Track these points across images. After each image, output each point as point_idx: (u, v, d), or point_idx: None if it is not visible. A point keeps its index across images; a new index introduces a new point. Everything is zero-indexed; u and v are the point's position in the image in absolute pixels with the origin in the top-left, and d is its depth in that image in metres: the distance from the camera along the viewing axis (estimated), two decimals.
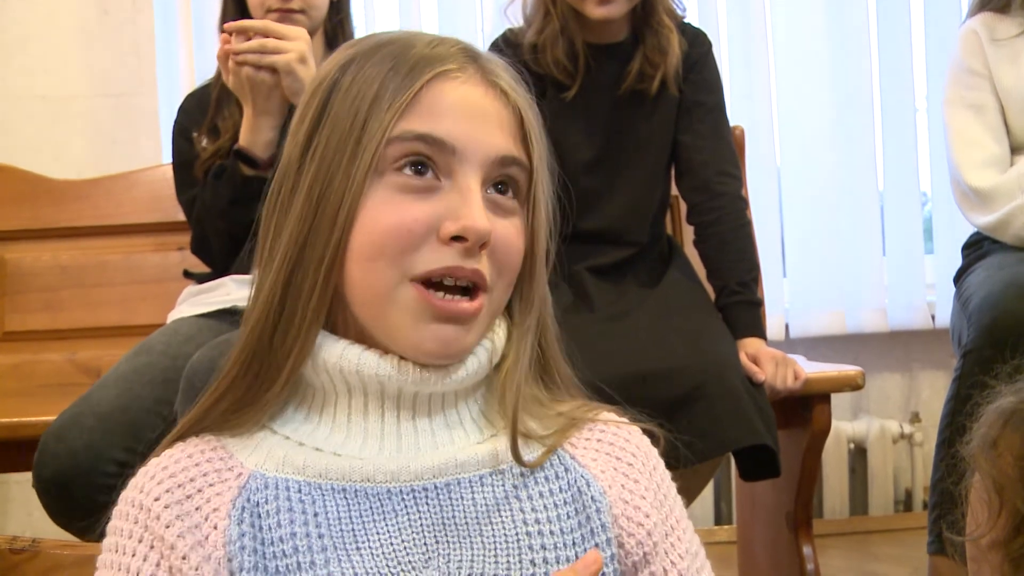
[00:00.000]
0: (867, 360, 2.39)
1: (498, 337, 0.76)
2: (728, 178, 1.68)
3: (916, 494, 2.58)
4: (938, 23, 2.57)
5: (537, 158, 0.75)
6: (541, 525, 0.71)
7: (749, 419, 1.43)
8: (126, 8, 2.45)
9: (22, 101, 2.43)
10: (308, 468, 0.71)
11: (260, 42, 1.44)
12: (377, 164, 0.70)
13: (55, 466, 1.35)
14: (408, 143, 0.70)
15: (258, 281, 0.74)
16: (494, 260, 0.72)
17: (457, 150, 0.71)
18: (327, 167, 0.71)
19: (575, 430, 0.77)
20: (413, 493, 0.71)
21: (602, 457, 0.76)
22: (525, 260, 0.76)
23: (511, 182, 0.74)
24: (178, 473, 0.71)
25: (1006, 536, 0.65)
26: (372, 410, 0.73)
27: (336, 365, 0.71)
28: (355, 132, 0.71)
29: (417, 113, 0.71)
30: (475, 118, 0.72)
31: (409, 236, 0.70)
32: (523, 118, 0.75)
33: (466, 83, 0.73)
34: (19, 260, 2.02)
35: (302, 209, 0.71)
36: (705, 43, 1.72)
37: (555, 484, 0.73)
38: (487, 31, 2.46)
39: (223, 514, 0.69)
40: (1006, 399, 0.69)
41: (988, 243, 1.84)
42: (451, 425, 0.74)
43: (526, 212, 0.76)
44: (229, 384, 0.73)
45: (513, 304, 0.77)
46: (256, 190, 1.50)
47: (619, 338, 1.51)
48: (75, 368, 1.96)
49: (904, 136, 2.58)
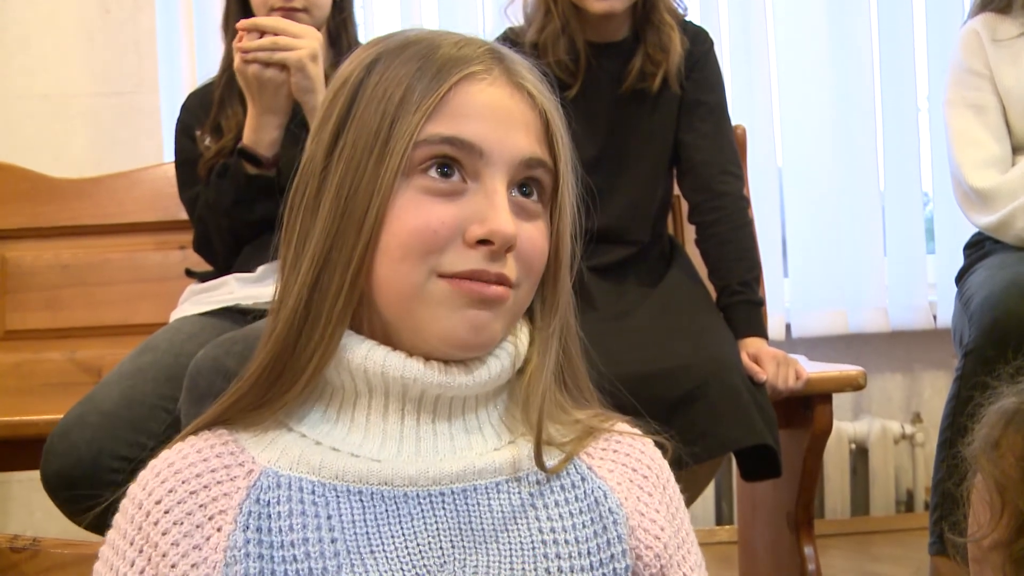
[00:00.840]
0: (868, 360, 2.39)
1: (521, 341, 0.76)
2: (730, 177, 1.68)
3: (917, 494, 2.58)
4: (939, 23, 2.57)
5: (562, 161, 0.76)
6: (557, 534, 0.71)
7: (750, 419, 1.43)
8: (127, 6, 2.45)
9: (23, 100, 2.43)
10: (324, 469, 0.70)
11: (272, 40, 1.44)
12: (404, 166, 0.70)
13: (60, 464, 1.35)
14: (435, 146, 0.70)
15: (283, 283, 0.74)
16: (519, 262, 0.72)
17: (484, 152, 0.71)
18: (354, 169, 0.71)
19: (592, 439, 0.77)
20: (430, 498, 0.70)
21: (619, 468, 0.76)
22: (549, 263, 0.76)
23: (536, 184, 0.74)
24: (184, 470, 0.71)
25: (1008, 537, 0.65)
26: (392, 412, 0.72)
27: (360, 366, 0.71)
28: (382, 134, 0.71)
29: (444, 115, 0.71)
30: (501, 120, 0.72)
31: (435, 237, 0.70)
32: (548, 120, 0.75)
33: (492, 84, 0.73)
34: (20, 259, 2.02)
35: (330, 211, 0.71)
36: (706, 41, 1.72)
37: (571, 493, 0.73)
38: (488, 30, 2.46)
39: (229, 518, 0.68)
40: (1008, 399, 0.69)
41: (990, 243, 1.84)
42: (470, 430, 0.74)
43: (550, 215, 0.76)
44: (250, 386, 0.73)
45: (535, 307, 0.77)
46: (259, 189, 1.52)
47: (620, 338, 1.51)
48: (76, 367, 1.96)
49: (905, 136, 2.58)
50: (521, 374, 0.76)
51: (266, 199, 1.51)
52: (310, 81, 1.45)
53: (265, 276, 1.55)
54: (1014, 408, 0.67)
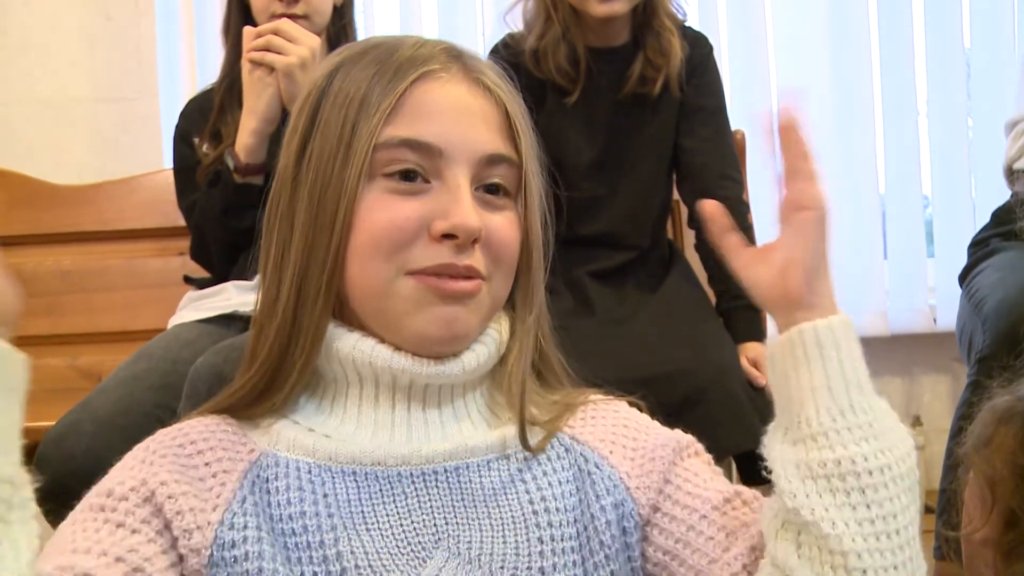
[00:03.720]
0: (868, 363, 2.37)
1: (504, 329, 0.78)
2: (730, 182, 1.68)
3: None
4: (939, 27, 2.57)
5: (525, 150, 0.77)
6: (547, 502, 0.73)
7: (750, 423, 1.43)
8: (128, 13, 2.45)
9: (24, 105, 2.43)
10: (319, 451, 0.72)
11: (267, 39, 1.44)
12: (368, 169, 0.72)
13: (54, 472, 1.32)
14: (395, 149, 0.72)
15: (265, 292, 0.75)
16: (488, 252, 0.74)
17: (444, 152, 0.72)
18: (322, 174, 0.72)
19: (570, 414, 0.79)
20: (423, 476, 0.72)
21: (599, 428, 0.78)
22: (522, 252, 0.77)
23: (500, 185, 0.76)
24: (192, 434, 0.73)
25: (998, 531, 0.65)
26: (383, 401, 0.74)
27: (349, 355, 0.73)
28: (345, 138, 0.72)
29: (403, 117, 0.72)
30: (461, 117, 0.74)
31: (401, 233, 0.71)
32: (509, 112, 0.76)
33: (449, 82, 0.74)
34: (21, 265, 2.02)
35: (305, 218, 0.73)
36: (706, 46, 1.72)
37: (557, 463, 0.76)
38: (487, 36, 2.46)
39: (233, 478, 0.70)
40: (1001, 398, 0.69)
41: (995, 240, 1.79)
42: (459, 417, 0.76)
43: (518, 206, 0.77)
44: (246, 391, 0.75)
45: (515, 296, 0.79)
46: (248, 198, 1.51)
47: (620, 342, 1.51)
48: (76, 373, 1.96)
49: (905, 139, 2.58)
50: (502, 363, 0.78)
51: (256, 208, 1.51)
52: (297, 88, 1.44)
53: None
54: (1006, 407, 0.68)
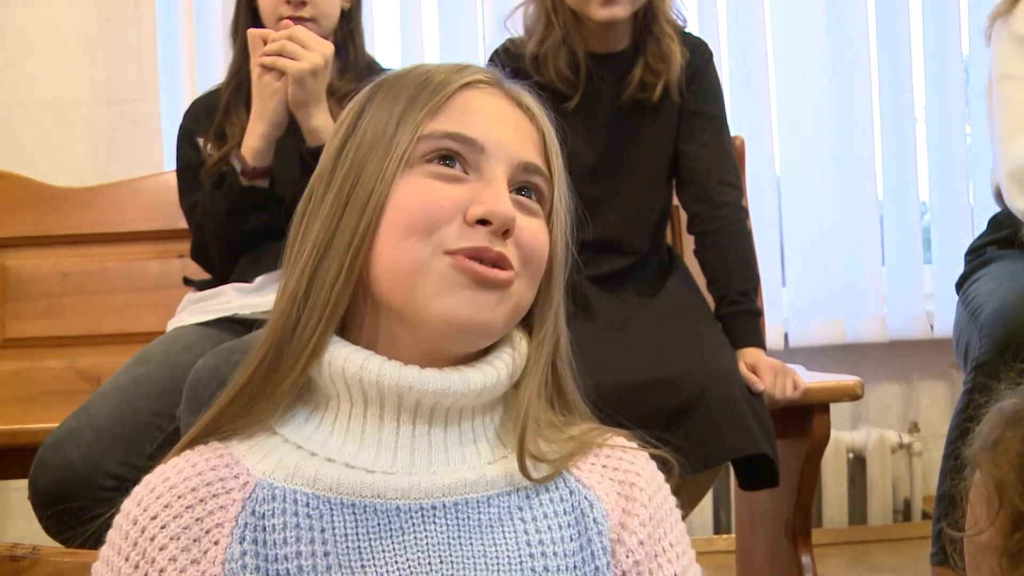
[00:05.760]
0: (866, 370, 2.39)
1: (519, 354, 0.76)
2: (729, 188, 1.68)
3: (915, 504, 2.58)
4: (937, 34, 2.58)
5: (557, 173, 0.79)
6: (544, 546, 0.72)
7: (748, 428, 1.43)
8: (128, 15, 2.46)
9: (24, 108, 2.43)
10: (319, 481, 0.71)
11: (280, 44, 1.44)
12: (408, 158, 0.73)
13: (52, 479, 1.33)
14: (438, 140, 0.73)
15: (284, 279, 0.75)
16: (519, 250, 0.74)
17: (486, 148, 0.74)
18: (359, 164, 0.74)
19: (583, 454, 0.77)
20: (422, 511, 0.71)
21: (607, 481, 0.76)
22: (545, 267, 0.77)
23: (535, 189, 0.77)
24: (179, 484, 0.71)
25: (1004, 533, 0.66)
26: (388, 421, 0.73)
27: (356, 375, 0.71)
28: (388, 132, 0.74)
29: (448, 114, 0.74)
30: (504, 124, 0.76)
31: (439, 212, 0.72)
32: (546, 137, 0.79)
33: (493, 94, 0.77)
34: (20, 267, 2.03)
35: (332, 202, 0.73)
36: (706, 52, 1.72)
37: (560, 506, 0.74)
38: (488, 42, 2.47)
39: (226, 531, 0.69)
40: (1008, 400, 0.70)
41: (992, 249, 1.79)
42: (465, 442, 0.74)
43: (547, 224, 0.78)
44: (248, 377, 0.74)
45: (534, 312, 0.78)
46: (253, 201, 1.52)
47: (619, 347, 1.52)
48: (76, 375, 1.96)
49: (903, 146, 2.59)
50: (517, 388, 0.77)
51: (260, 211, 1.51)
52: (306, 94, 1.43)
53: (263, 286, 1.55)
54: (1013, 408, 0.68)
